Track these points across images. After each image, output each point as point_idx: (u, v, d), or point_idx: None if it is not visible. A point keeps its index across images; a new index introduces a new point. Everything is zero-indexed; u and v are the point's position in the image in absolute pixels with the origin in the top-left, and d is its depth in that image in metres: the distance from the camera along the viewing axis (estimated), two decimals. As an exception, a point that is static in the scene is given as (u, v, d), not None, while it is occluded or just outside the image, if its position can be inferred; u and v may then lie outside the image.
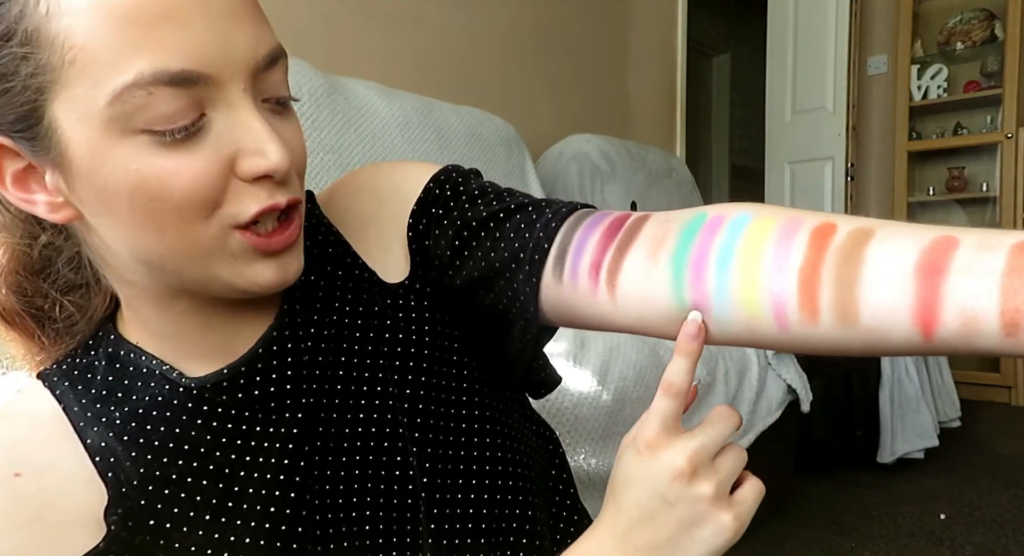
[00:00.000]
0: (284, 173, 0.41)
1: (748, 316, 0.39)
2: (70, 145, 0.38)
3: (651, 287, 0.42)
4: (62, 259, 0.47)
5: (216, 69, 0.38)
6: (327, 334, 0.50)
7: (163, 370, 0.46)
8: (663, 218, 0.45)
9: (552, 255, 0.47)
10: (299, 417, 0.47)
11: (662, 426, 0.43)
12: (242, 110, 0.40)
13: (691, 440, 0.43)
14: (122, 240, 0.42)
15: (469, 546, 0.49)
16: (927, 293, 0.34)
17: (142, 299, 0.46)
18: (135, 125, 0.37)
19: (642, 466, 0.43)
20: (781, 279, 0.38)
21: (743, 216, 0.41)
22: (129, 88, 0.36)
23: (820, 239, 0.37)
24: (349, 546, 0.46)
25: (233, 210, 0.41)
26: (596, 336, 1.25)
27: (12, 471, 0.41)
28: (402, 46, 2.14)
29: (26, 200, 0.41)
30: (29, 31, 0.36)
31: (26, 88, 0.37)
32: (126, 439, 0.44)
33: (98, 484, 0.43)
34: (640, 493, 0.43)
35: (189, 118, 0.38)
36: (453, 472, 0.49)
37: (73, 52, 0.36)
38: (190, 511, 0.44)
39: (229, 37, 0.39)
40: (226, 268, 0.42)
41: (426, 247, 0.51)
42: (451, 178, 0.52)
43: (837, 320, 0.37)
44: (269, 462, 0.46)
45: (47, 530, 0.40)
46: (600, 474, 1.13)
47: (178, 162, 0.38)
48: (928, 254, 0.34)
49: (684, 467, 0.42)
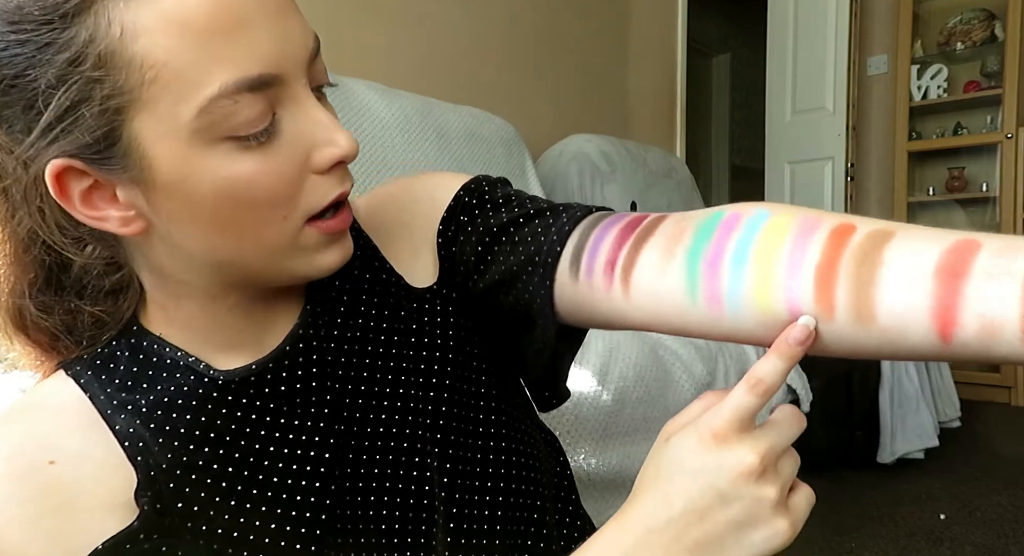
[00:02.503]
0: (355, 155, 0.43)
1: (761, 312, 0.39)
2: (154, 161, 0.39)
3: (665, 283, 0.42)
4: (97, 268, 0.47)
5: (283, 68, 0.40)
6: (351, 335, 0.51)
7: (189, 362, 0.47)
8: (680, 217, 0.45)
9: (568, 254, 0.47)
10: (324, 412, 0.49)
11: (737, 420, 0.39)
12: (306, 104, 0.42)
13: (763, 438, 0.40)
14: (199, 243, 0.43)
15: (483, 546, 0.50)
16: (947, 295, 0.33)
17: (189, 296, 0.47)
18: (220, 133, 0.39)
19: (705, 457, 0.39)
20: (798, 277, 0.38)
21: (761, 214, 0.41)
22: (215, 99, 0.38)
23: (839, 238, 0.37)
24: (367, 542, 0.47)
25: (309, 203, 0.43)
26: (596, 336, 1.25)
27: (47, 460, 0.42)
28: (402, 45, 2.14)
29: (97, 217, 0.42)
30: (103, 54, 0.37)
31: (104, 110, 0.38)
32: (152, 427, 0.45)
33: (128, 468, 0.44)
34: (693, 484, 0.39)
35: (268, 120, 0.40)
36: (470, 474, 0.51)
37: (154, 71, 0.37)
38: (216, 497, 0.44)
39: (288, 34, 0.40)
40: (298, 260, 0.44)
41: (453, 253, 0.53)
42: (480, 187, 0.53)
43: (853, 319, 0.36)
44: (295, 453, 0.47)
45: (79, 514, 0.41)
46: (600, 474, 1.13)
47: (261, 164, 0.40)
48: (949, 256, 0.34)
49: (755, 465, 0.39)
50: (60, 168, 0.39)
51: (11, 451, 0.42)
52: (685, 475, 0.40)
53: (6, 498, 0.40)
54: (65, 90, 0.37)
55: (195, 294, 0.46)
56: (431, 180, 0.56)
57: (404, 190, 0.57)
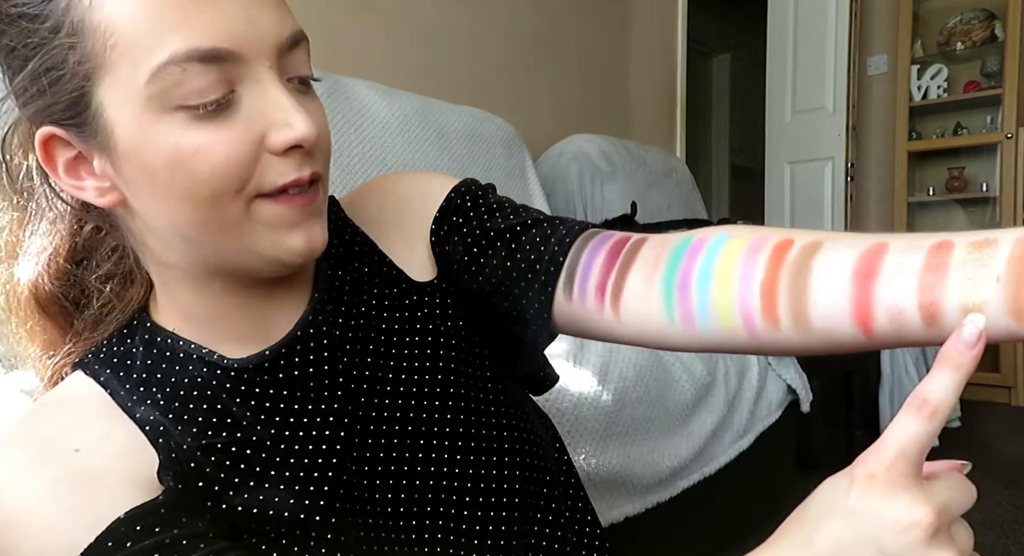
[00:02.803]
0: (312, 142, 0.43)
1: (726, 327, 0.43)
2: (115, 126, 0.41)
3: (648, 307, 0.46)
4: (104, 249, 0.51)
5: (244, 47, 0.41)
6: (358, 323, 0.53)
7: (202, 353, 0.48)
8: (657, 242, 0.49)
9: (563, 274, 0.50)
10: (337, 394, 0.51)
11: (902, 457, 0.33)
12: (269, 85, 0.43)
13: (940, 492, 0.33)
14: (163, 215, 0.44)
15: (495, 527, 0.52)
16: (861, 296, 0.37)
17: (180, 281, 0.48)
18: (172, 102, 0.40)
19: (864, 500, 0.33)
20: (747, 293, 0.42)
21: (720, 238, 0.45)
22: (165, 66, 0.39)
23: (778, 254, 0.41)
24: (383, 522, 0.49)
25: (262, 181, 0.43)
26: (596, 336, 1.25)
27: (72, 448, 0.44)
28: (402, 46, 2.14)
29: (76, 186, 0.45)
30: (75, 22, 0.40)
31: (74, 76, 0.41)
32: (171, 416, 0.47)
33: (150, 450, 0.45)
34: (846, 530, 0.33)
35: (220, 92, 0.41)
36: (482, 455, 0.53)
37: (115, 38, 0.39)
38: (235, 478, 0.46)
39: (256, 18, 0.42)
40: (257, 238, 0.45)
41: (447, 252, 0.55)
42: (471, 190, 0.56)
43: (794, 326, 0.40)
44: (309, 435, 0.49)
45: (104, 490, 0.43)
46: (600, 474, 1.13)
47: (212, 135, 0.41)
48: (862, 261, 0.38)
49: (930, 521, 0.31)
50: (46, 135, 0.43)
51: (39, 442, 0.44)
52: (836, 519, 0.33)
53: (34, 480, 0.42)
54: (42, 56, 0.40)
55: (184, 280, 0.48)
56: (422, 179, 0.59)
57: (394, 187, 0.59)
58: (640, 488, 1.21)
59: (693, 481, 1.36)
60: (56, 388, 0.49)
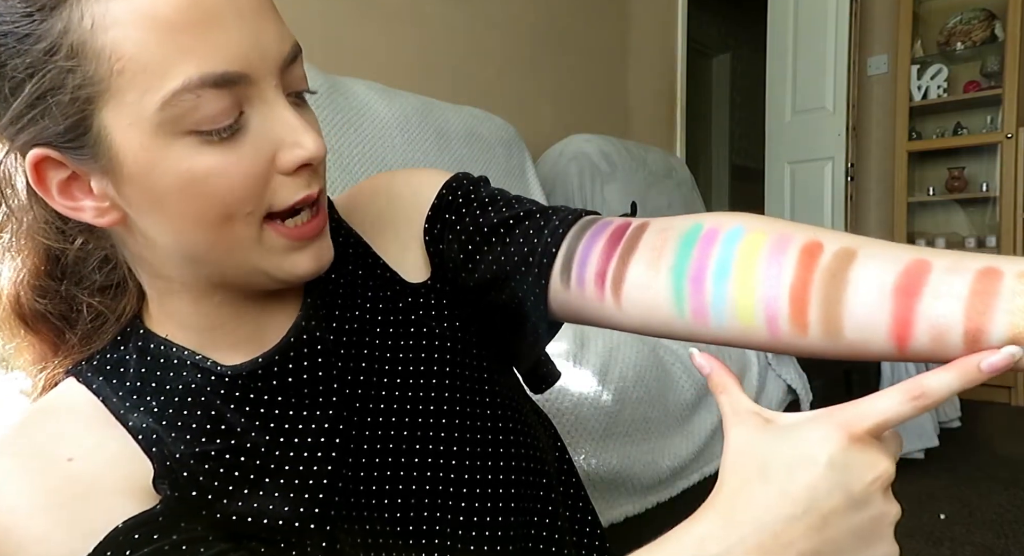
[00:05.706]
0: (321, 159, 0.44)
1: (743, 325, 0.43)
2: (121, 150, 0.40)
3: (653, 297, 0.45)
4: (92, 261, 0.49)
5: (252, 68, 0.41)
6: (351, 327, 0.53)
7: (195, 360, 0.48)
8: (661, 226, 0.47)
9: (559, 262, 0.49)
10: (332, 400, 0.50)
11: (883, 426, 0.37)
12: (276, 105, 0.42)
13: (890, 447, 0.39)
14: (170, 236, 0.44)
15: (492, 531, 0.52)
16: (902, 312, 0.38)
17: (177, 293, 0.48)
18: (183, 127, 0.40)
19: (839, 452, 0.36)
20: (774, 295, 0.41)
21: (737, 229, 0.44)
22: (179, 93, 0.39)
23: (808, 258, 0.41)
24: (381, 529, 0.49)
25: (273, 202, 0.43)
26: (596, 336, 1.25)
27: (65, 457, 0.43)
28: (402, 46, 2.13)
29: (73, 208, 0.43)
30: (75, 45, 0.38)
31: (75, 99, 0.39)
32: (165, 423, 0.46)
33: (143, 459, 0.45)
34: (822, 480, 0.35)
35: (232, 117, 0.40)
36: (478, 459, 0.52)
37: (122, 62, 0.38)
38: (229, 485, 0.46)
39: (261, 36, 0.41)
40: (266, 261, 0.45)
41: (441, 250, 0.55)
42: (463, 185, 0.55)
43: (824, 334, 0.40)
44: (304, 441, 0.48)
45: (98, 500, 0.42)
46: (600, 474, 1.13)
47: (224, 158, 0.41)
48: (904, 277, 0.38)
49: (891, 472, 0.37)
50: (38, 157, 0.41)
51: (32, 451, 0.43)
52: (812, 469, 0.35)
53: (28, 491, 0.41)
54: (39, 78, 0.39)
55: (183, 292, 0.47)
56: (413, 177, 0.58)
57: (386, 187, 0.58)
58: (640, 488, 1.21)
59: (693, 481, 1.36)
60: (48, 395, 0.49)
